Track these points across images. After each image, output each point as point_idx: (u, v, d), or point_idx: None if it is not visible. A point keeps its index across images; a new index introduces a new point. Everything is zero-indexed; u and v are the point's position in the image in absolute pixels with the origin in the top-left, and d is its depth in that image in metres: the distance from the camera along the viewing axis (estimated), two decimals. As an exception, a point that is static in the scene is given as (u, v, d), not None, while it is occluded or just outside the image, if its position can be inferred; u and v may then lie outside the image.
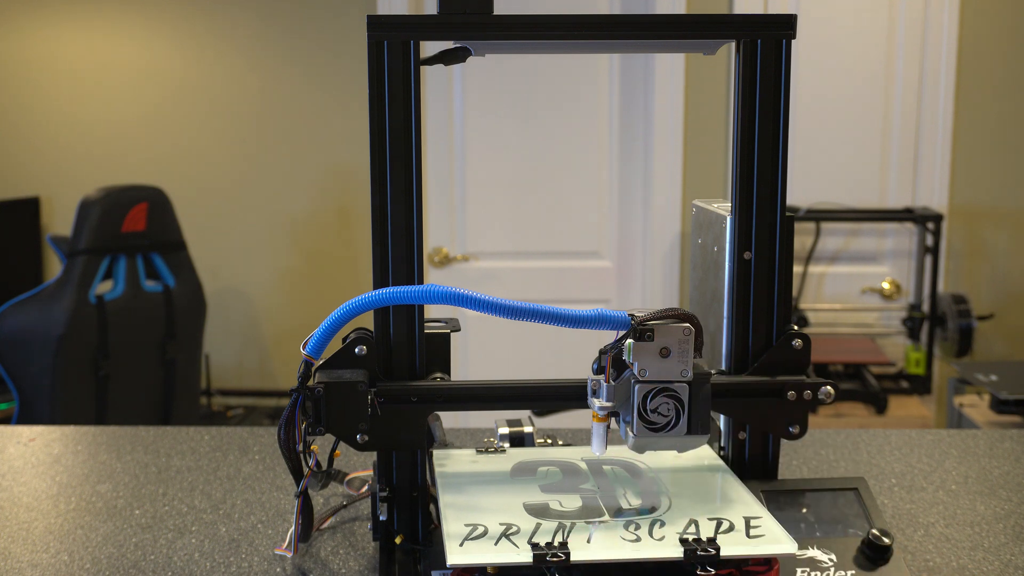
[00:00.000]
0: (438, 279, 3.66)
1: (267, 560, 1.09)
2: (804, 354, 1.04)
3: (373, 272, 1.00)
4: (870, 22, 3.46)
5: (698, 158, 3.57)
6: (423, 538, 1.03)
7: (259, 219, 3.95)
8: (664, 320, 0.91)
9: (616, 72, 3.60)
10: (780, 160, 1.02)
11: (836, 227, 3.55)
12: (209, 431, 1.54)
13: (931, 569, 1.07)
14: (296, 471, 0.99)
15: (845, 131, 3.51)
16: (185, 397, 3.41)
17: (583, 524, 0.93)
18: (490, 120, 3.65)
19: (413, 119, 0.98)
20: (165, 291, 3.29)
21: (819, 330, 3.49)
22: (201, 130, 3.93)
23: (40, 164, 4.03)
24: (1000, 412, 2.30)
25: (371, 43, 0.97)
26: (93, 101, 3.97)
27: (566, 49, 1.03)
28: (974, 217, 3.54)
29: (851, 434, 1.51)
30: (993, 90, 3.48)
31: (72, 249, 3.02)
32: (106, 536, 1.16)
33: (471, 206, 3.69)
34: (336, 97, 3.84)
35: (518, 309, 0.90)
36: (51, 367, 2.92)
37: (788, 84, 1.01)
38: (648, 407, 0.93)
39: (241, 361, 4.05)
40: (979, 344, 3.51)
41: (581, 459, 1.10)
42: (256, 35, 3.86)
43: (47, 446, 1.49)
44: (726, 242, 1.04)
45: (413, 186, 0.99)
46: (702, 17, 1.00)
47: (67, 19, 3.94)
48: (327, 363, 0.98)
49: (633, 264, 3.70)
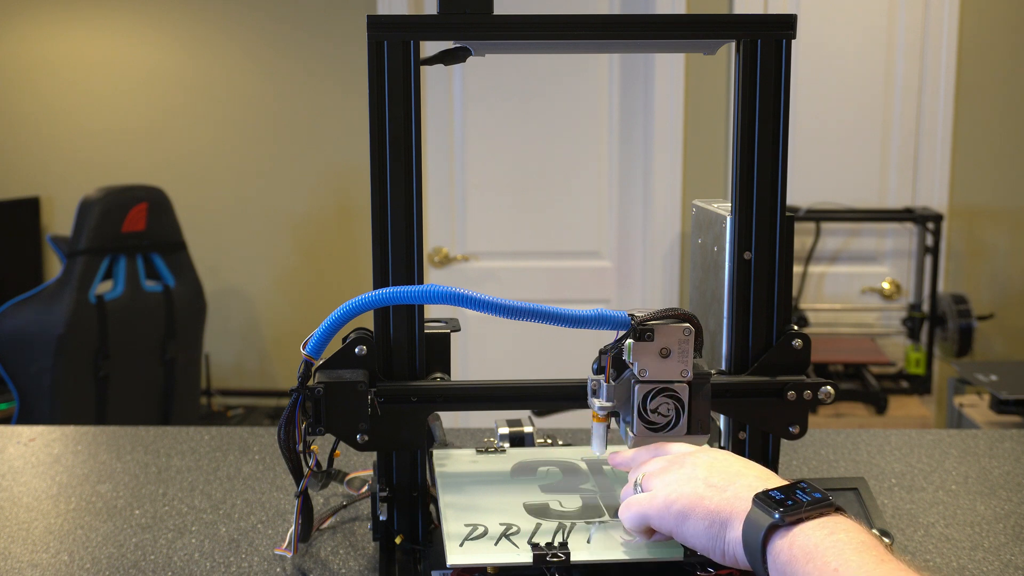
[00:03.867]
0: (438, 279, 3.66)
1: (267, 560, 1.09)
2: (804, 354, 1.04)
3: (373, 272, 1.00)
4: (870, 22, 3.46)
5: (698, 158, 3.57)
6: (423, 538, 1.03)
7: (259, 219, 3.95)
8: (664, 320, 0.91)
9: (616, 72, 3.60)
10: (780, 160, 1.02)
11: (836, 227, 3.55)
12: (209, 431, 1.54)
13: (931, 569, 1.07)
14: (296, 471, 0.99)
15: (845, 131, 3.51)
16: (185, 397, 3.41)
17: (583, 524, 0.93)
18: (490, 120, 3.65)
19: (413, 119, 0.98)
20: (165, 291, 3.29)
21: (819, 330, 3.49)
22: (201, 130, 3.93)
23: (40, 164, 4.03)
24: (1000, 412, 2.30)
25: (371, 43, 0.97)
26: (93, 101, 3.97)
27: (566, 49, 1.03)
28: (974, 217, 3.54)
29: (851, 434, 1.51)
30: (993, 90, 3.48)
31: (72, 249, 3.02)
32: (106, 536, 1.16)
33: (471, 206, 3.69)
34: (336, 97, 3.84)
35: (518, 309, 0.90)
36: (51, 367, 2.92)
37: (788, 84, 1.01)
38: (648, 407, 0.93)
39: (241, 361, 4.05)
40: (979, 344, 3.51)
41: (581, 459, 1.10)
42: (256, 35, 3.86)
43: (47, 446, 1.49)
44: (726, 242, 1.04)
45: (413, 186, 0.99)
46: (702, 17, 1.00)
47: (67, 20, 3.94)
48: (327, 363, 0.98)
49: (633, 264, 3.69)
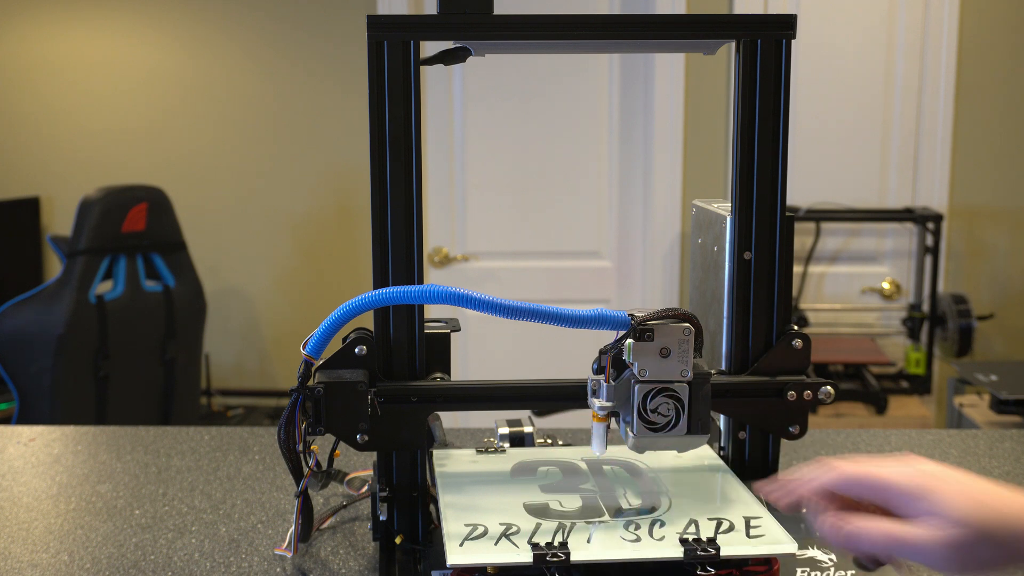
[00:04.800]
0: (438, 279, 3.66)
1: (267, 560, 1.09)
2: (804, 354, 1.04)
3: (373, 272, 1.00)
4: (870, 22, 3.46)
5: (698, 158, 3.57)
6: (423, 538, 1.03)
7: (259, 219, 3.95)
8: (664, 320, 0.91)
9: (616, 72, 3.60)
10: (780, 160, 1.02)
11: (836, 227, 3.55)
12: (209, 431, 1.54)
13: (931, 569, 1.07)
14: (296, 471, 0.99)
15: (845, 131, 3.51)
16: (185, 397, 3.41)
17: (583, 524, 0.93)
18: (490, 120, 3.65)
19: (413, 119, 0.99)
20: (165, 291, 3.29)
21: (819, 330, 3.49)
22: (201, 130, 3.93)
23: (40, 164, 4.03)
24: (1000, 412, 2.30)
25: (371, 43, 0.97)
26: (93, 101, 3.97)
27: (566, 49, 1.03)
28: (974, 217, 3.54)
29: (851, 434, 1.51)
30: (993, 90, 3.48)
31: (72, 249, 3.02)
32: (106, 536, 1.16)
33: (471, 206, 3.69)
34: (336, 97, 3.84)
35: (518, 309, 0.90)
36: (51, 367, 2.92)
37: (788, 84, 1.01)
38: (648, 407, 0.93)
39: (241, 361, 4.05)
40: (979, 344, 3.51)
41: (581, 459, 1.10)
42: (256, 35, 3.86)
43: (47, 446, 1.49)
44: (726, 242, 1.04)
45: (413, 186, 0.99)
46: (702, 17, 1.00)
47: (67, 19, 3.94)
48: (327, 363, 0.98)
49: (633, 264, 3.69)
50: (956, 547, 0.71)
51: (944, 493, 0.72)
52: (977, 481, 0.73)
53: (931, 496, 0.72)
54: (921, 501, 0.73)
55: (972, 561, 0.71)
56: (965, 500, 0.72)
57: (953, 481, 0.73)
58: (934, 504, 0.72)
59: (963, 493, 0.72)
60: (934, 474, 0.74)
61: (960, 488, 0.73)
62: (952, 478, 0.74)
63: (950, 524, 0.71)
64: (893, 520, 0.74)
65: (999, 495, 0.72)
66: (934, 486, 0.73)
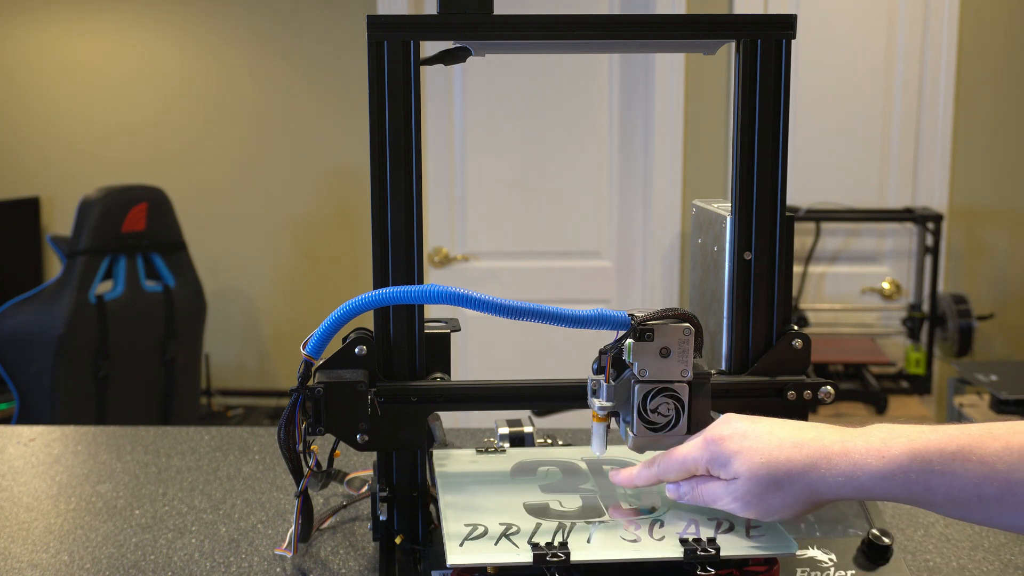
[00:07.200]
0: (438, 279, 3.66)
1: (267, 560, 1.09)
2: (804, 354, 1.04)
3: (373, 272, 1.00)
4: (870, 22, 3.46)
5: (698, 158, 3.57)
6: (423, 538, 1.03)
7: (259, 219, 3.95)
8: (664, 320, 0.91)
9: (616, 72, 3.60)
10: (780, 160, 1.02)
11: (836, 227, 3.55)
12: (209, 431, 1.54)
13: (931, 569, 1.07)
14: (296, 471, 0.99)
15: (845, 131, 3.51)
16: (185, 397, 3.41)
17: (583, 524, 0.93)
18: (490, 120, 3.65)
19: (413, 119, 0.98)
20: (165, 291, 3.29)
21: (819, 330, 3.49)
22: (201, 130, 3.93)
23: (40, 164, 4.03)
24: (1000, 412, 2.30)
25: (371, 43, 0.97)
26: (93, 101, 3.97)
27: (566, 49, 1.03)
28: (974, 217, 3.54)
29: (851, 434, 1.50)
30: (993, 90, 3.48)
31: (72, 249, 3.02)
32: (106, 536, 1.16)
33: (471, 206, 3.69)
34: (336, 97, 3.84)
35: (518, 309, 0.90)
36: (51, 367, 2.92)
37: (788, 84, 1.01)
38: (648, 407, 0.93)
39: (241, 361, 4.05)
40: (979, 344, 3.51)
41: (581, 459, 1.10)
42: (256, 35, 3.86)
43: (47, 446, 1.49)
44: (726, 242, 1.04)
45: (413, 186, 0.99)
46: (702, 17, 1.00)
47: (67, 19, 3.94)
48: (327, 363, 0.98)
49: (633, 264, 3.70)
50: (744, 497, 0.85)
51: (736, 453, 0.86)
52: (774, 435, 0.86)
53: (722, 458, 0.87)
54: (715, 463, 0.87)
55: (761, 507, 0.85)
56: (753, 456, 0.85)
57: (752, 438, 0.86)
58: (728, 464, 0.86)
59: (753, 449, 0.85)
60: (732, 435, 0.87)
61: (751, 445, 0.85)
62: (751, 435, 0.86)
63: (742, 479, 0.85)
64: (708, 478, 0.89)
65: (792, 449, 0.84)
66: (727, 447, 0.86)
